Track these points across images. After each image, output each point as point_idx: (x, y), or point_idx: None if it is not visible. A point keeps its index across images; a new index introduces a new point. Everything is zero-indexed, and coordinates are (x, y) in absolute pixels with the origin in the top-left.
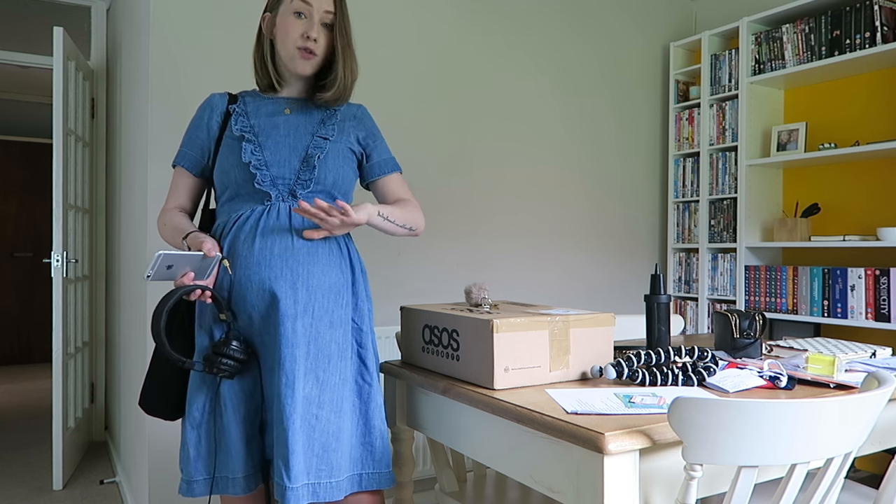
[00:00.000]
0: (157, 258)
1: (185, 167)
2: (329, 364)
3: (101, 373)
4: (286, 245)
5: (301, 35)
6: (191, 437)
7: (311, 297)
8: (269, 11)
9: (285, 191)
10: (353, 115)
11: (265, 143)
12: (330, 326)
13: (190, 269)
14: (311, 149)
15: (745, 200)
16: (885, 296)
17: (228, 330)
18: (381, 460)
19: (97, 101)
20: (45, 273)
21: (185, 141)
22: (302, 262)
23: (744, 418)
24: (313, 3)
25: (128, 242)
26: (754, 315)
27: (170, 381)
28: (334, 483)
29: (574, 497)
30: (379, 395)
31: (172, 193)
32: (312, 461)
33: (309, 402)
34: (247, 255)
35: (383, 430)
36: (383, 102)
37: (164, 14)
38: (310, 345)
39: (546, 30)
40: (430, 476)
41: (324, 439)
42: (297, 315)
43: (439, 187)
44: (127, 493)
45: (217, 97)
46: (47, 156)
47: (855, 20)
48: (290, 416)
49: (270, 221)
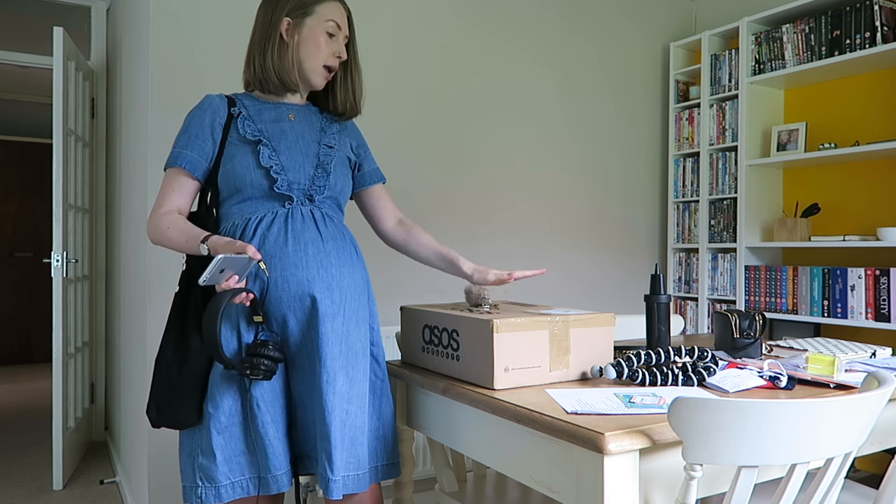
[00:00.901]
0: (217, 262)
1: (187, 169)
2: (356, 361)
3: (101, 373)
4: (318, 247)
5: (332, 54)
6: (216, 441)
7: (343, 297)
8: (289, 17)
9: (302, 195)
10: (345, 125)
11: (279, 148)
12: (357, 326)
13: (235, 272)
14: (321, 156)
15: (745, 200)
16: (885, 296)
17: (260, 331)
18: (392, 452)
19: (97, 101)
20: (45, 273)
21: (182, 142)
22: (334, 264)
23: (744, 418)
24: (343, 28)
25: (128, 242)
26: (754, 315)
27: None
28: (360, 475)
29: (574, 497)
30: (388, 389)
31: (169, 195)
32: (344, 455)
33: (342, 399)
34: (281, 256)
35: (393, 422)
36: (384, 102)
37: (164, 14)
38: (342, 343)
39: (546, 30)
40: (430, 476)
41: (353, 433)
42: (334, 314)
43: (439, 187)
44: (127, 493)
45: (217, 99)
46: (47, 156)
47: (855, 20)
48: (332, 412)
49: (297, 224)
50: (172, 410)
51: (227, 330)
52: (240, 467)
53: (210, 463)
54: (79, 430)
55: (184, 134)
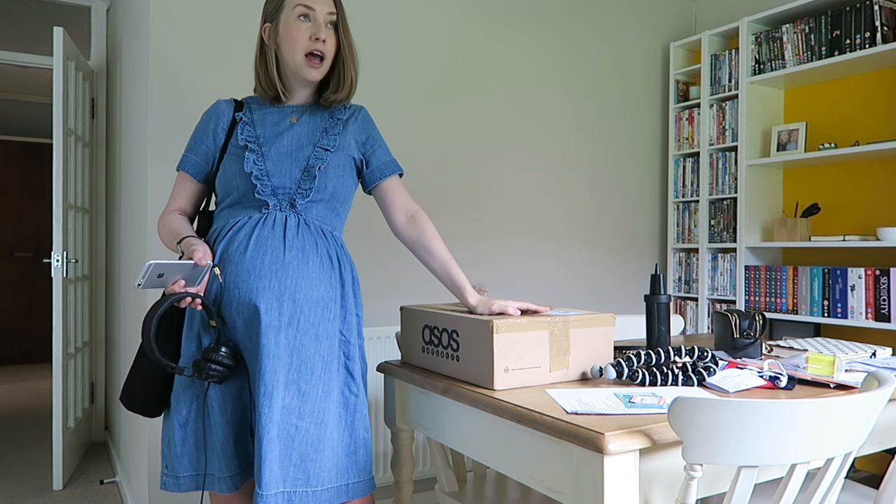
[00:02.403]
0: (148, 267)
1: (189, 172)
2: (312, 376)
3: (101, 373)
4: (277, 257)
5: (310, 37)
6: (178, 434)
7: (296, 309)
8: (268, 22)
9: (285, 200)
10: (355, 118)
11: (268, 153)
12: (315, 340)
13: (181, 276)
14: (311, 159)
15: (745, 200)
16: (885, 296)
17: (218, 336)
18: (364, 468)
19: (97, 101)
20: (45, 273)
21: (189, 146)
22: (291, 275)
23: (744, 418)
24: (316, 6)
25: (128, 242)
26: (754, 315)
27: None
28: (310, 492)
29: (574, 497)
30: (364, 406)
31: (174, 196)
32: (289, 470)
33: (289, 413)
34: (238, 262)
35: (367, 438)
36: (384, 102)
37: (164, 14)
38: (293, 356)
39: (545, 30)
40: (430, 476)
41: (302, 449)
42: (281, 327)
43: (439, 187)
44: (127, 493)
45: (223, 104)
46: (47, 156)
47: (855, 20)
48: (266, 426)
49: (265, 231)
50: (136, 398)
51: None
52: (197, 462)
53: (172, 454)
54: (79, 430)
55: (191, 138)
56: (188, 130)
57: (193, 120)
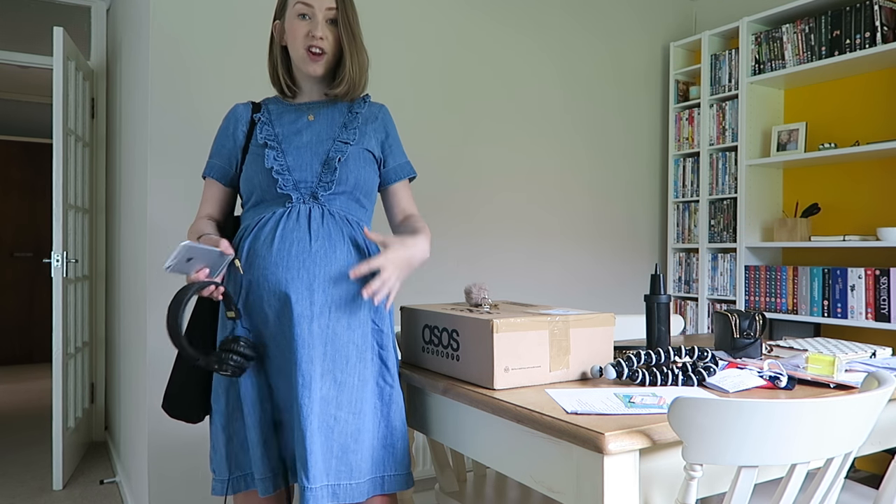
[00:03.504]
0: (181, 249)
1: (215, 178)
2: (347, 365)
3: (101, 373)
4: (303, 247)
5: (306, 35)
6: (220, 437)
7: (327, 298)
8: (277, 19)
9: (307, 193)
10: (375, 117)
11: (288, 149)
12: (348, 328)
13: (206, 264)
14: (332, 152)
15: (745, 200)
16: (885, 296)
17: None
18: (402, 461)
19: (97, 101)
20: (45, 273)
21: (213, 152)
22: (318, 264)
23: (744, 418)
24: (314, 4)
25: (128, 242)
26: (754, 315)
27: (191, 382)
28: (354, 485)
29: (574, 497)
30: (400, 397)
31: (202, 204)
32: (332, 462)
33: (327, 403)
34: (265, 255)
35: (404, 431)
36: (385, 102)
37: (164, 14)
38: (326, 346)
39: (546, 30)
40: (430, 476)
41: (342, 440)
42: (314, 316)
43: (439, 187)
44: (127, 493)
45: (241, 107)
46: (47, 156)
47: (855, 20)
48: (308, 417)
49: (290, 223)
50: (178, 405)
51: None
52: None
53: (217, 457)
54: (79, 430)
55: (213, 145)
56: (188, 130)
57: (193, 120)
